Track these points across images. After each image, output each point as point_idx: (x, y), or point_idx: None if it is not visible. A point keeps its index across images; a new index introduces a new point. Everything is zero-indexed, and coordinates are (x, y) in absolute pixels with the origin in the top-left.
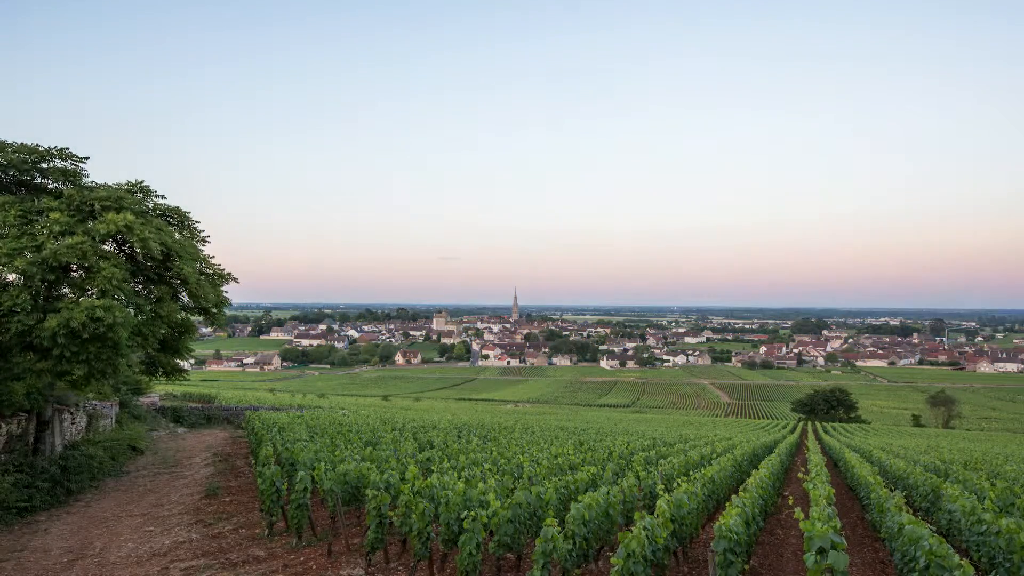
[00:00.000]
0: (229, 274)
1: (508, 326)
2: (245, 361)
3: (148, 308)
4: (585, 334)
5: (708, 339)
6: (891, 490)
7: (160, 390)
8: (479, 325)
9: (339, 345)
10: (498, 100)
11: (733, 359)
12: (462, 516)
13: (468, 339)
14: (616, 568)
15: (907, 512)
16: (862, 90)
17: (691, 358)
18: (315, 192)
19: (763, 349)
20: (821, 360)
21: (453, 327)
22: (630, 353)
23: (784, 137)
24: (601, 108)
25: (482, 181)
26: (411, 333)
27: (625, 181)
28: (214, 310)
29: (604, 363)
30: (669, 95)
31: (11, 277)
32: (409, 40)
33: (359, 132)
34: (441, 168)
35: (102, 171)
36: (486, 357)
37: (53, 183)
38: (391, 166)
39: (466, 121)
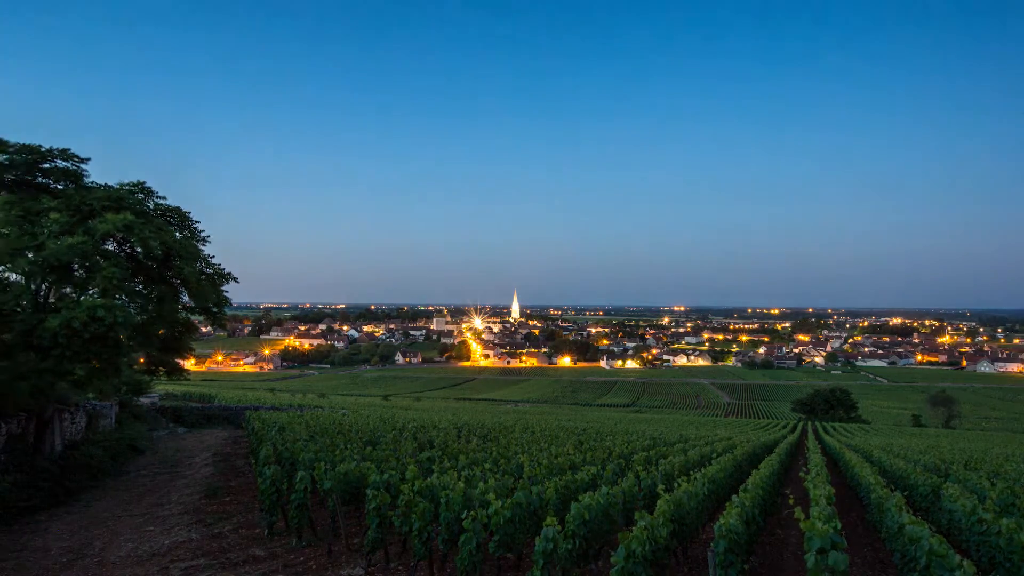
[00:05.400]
0: (229, 274)
1: (508, 325)
2: (245, 361)
3: (149, 308)
4: (585, 334)
5: (708, 339)
6: (891, 490)
7: (160, 390)
8: (479, 324)
9: (339, 345)
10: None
11: (733, 359)
12: (462, 516)
13: (468, 338)
14: (616, 568)
15: (907, 512)
16: (861, 91)
17: (691, 358)
18: (315, 192)
19: (763, 349)
20: (821, 360)
21: (453, 327)
22: (630, 353)
23: (783, 139)
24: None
25: (482, 181)
26: (411, 333)
27: (627, 183)
28: (215, 310)
29: (604, 363)
30: (668, 100)
31: (13, 277)
32: (412, 42)
33: (359, 132)
34: (442, 168)
35: (103, 172)
36: (486, 357)
37: (54, 183)
38: (392, 166)
39: (466, 121)
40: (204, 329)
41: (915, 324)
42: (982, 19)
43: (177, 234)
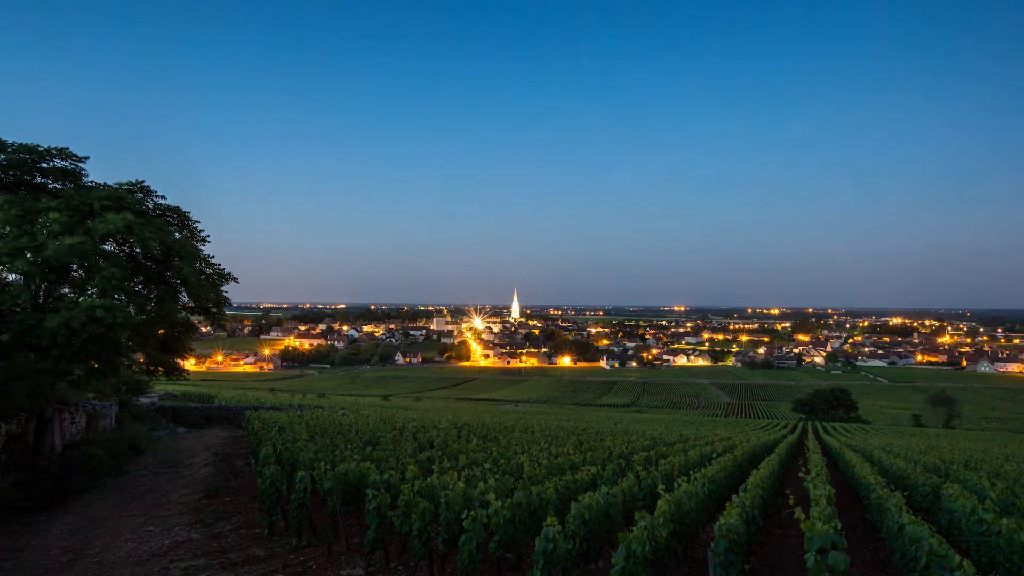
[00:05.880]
0: (229, 274)
1: (508, 325)
2: (245, 361)
3: (149, 308)
4: (585, 334)
5: (708, 339)
6: (891, 490)
7: (160, 390)
8: (479, 324)
9: (339, 345)
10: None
11: (733, 359)
12: (462, 516)
13: (468, 338)
14: (616, 568)
15: (907, 512)
16: (861, 90)
17: (691, 358)
18: (316, 192)
19: (763, 349)
20: (821, 360)
21: (453, 327)
22: (630, 353)
23: (784, 138)
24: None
25: (482, 181)
26: (411, 333)
27: (628, 182)
28: (214, 310)
29: (604, 363)
30: (668, 99)
31: (12, 277)
32: (412, 40)
33: (358, 131)
34: (442, 168)
35: (103, 171)
36: (486, 357)
37: (53, 183)
38: (391, 166)
39: (461, 122)
40: (204, 329)
41: (915, 324)
42: (985, 16)
43: (177, 234)
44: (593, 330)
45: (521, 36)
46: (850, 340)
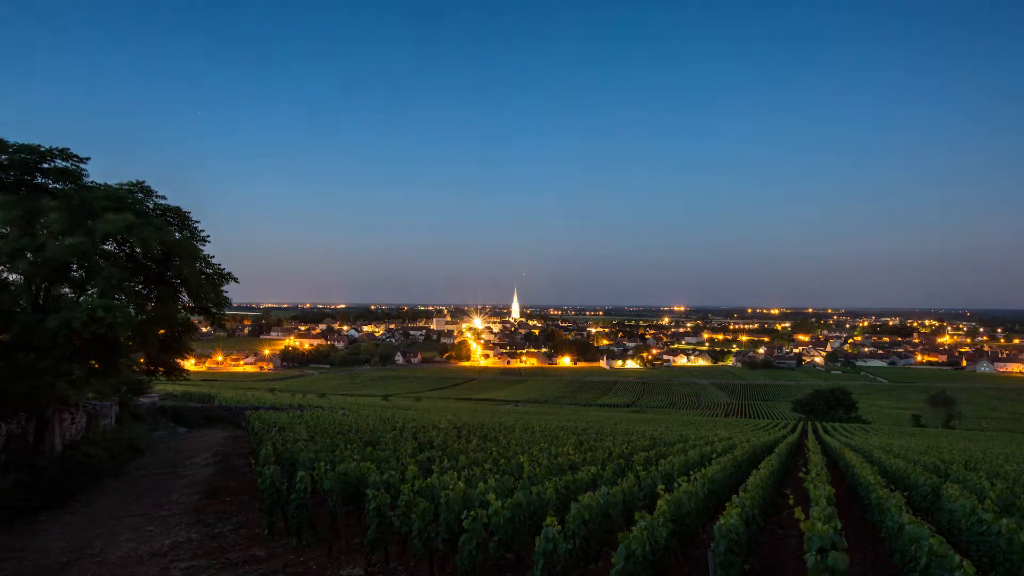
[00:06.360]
0: (229, 274)
1: (508, 325)
2: (245, 361)
3: (149, 308)
4: (585, 334)
5: (708, 339)
6: (891, 490)
7: (160, 390)
8: (478, 324)
9: (339, 345)
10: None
11: (733, 359)
12: (462, 516)
13: (468, 338)
14: (616, 568)
15: (907, 512)
16: (861, 90)
17: (691, 358)
18: (316, 192)
19: (763, 349)
20: (821, 360)
21: (453, 327)
22: (630, 353)
23: (783, 138)
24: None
25: (483, 181)
26: (411, 333)
27: (628, 183)
28: (214, 310)
29: (604, 363)
30: (668, 100)
31: (12, 277)
32: (411, 41)
33: (359, 132)
34: (442, 168)
35: (103, 171)
36: (486, 357)
37: (54, 183)
38: (389, 166)
39: (458, 122)
40: (204, 329)
41: (915, 324)
42: (990, 19)
43: (177, 234)
44: (593, 330)
45: (520, 35)
46: (850, 340)
